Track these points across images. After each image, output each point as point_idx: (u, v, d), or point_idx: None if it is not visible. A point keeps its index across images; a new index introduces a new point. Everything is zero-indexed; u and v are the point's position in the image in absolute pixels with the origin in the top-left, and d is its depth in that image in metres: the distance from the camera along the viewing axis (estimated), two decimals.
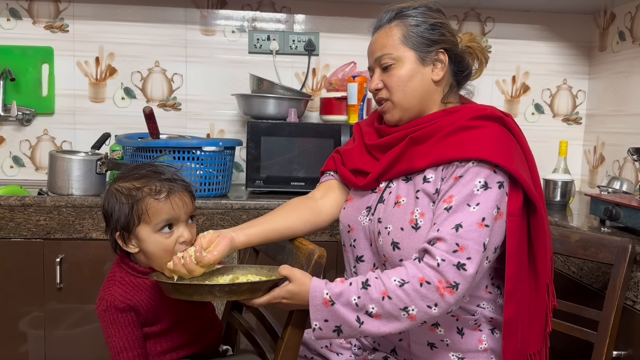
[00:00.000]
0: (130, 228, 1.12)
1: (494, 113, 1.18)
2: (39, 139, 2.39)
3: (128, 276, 1.17)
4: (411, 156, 1.20)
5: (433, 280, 1.05)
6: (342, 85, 2.22)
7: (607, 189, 1.94)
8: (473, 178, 1.10)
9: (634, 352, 1.33)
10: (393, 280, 1.06)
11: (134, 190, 1.12)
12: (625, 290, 1.31)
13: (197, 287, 1.04)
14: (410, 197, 1.18)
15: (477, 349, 1.19)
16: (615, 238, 1.34)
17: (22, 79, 2.33)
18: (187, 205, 1.15)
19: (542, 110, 2.56)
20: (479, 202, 1.09)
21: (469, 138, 1.13)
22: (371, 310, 1.06)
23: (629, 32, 2.25)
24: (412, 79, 1.22)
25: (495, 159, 1.10)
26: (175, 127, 2.39)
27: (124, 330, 1.12)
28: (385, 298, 1.06)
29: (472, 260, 1.06)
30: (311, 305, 1.08)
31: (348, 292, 1.07)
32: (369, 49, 1.29)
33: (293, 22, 2.43)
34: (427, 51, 1.22)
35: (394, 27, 1.24)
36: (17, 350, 1.86)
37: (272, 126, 2.06)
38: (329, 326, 1.08)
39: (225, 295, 1.07)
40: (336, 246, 1.89)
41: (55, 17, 2.34)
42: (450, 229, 1.07)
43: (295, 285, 1.09)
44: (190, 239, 1.15)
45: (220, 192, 1.98)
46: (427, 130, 1.19)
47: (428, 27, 1.22)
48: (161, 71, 2.40)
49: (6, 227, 1.82)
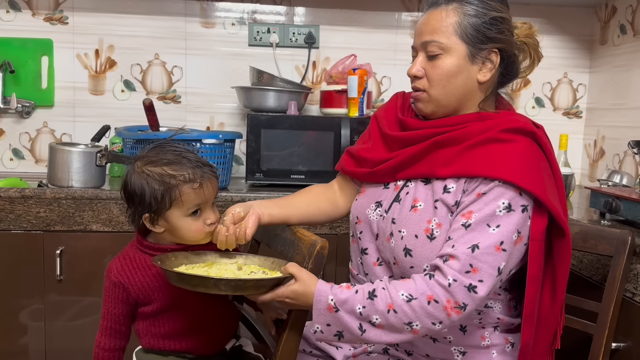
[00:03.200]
0: (160, 212, 1.16)
1: (526, 127, 1.11)
2: (38, 131, 2.38)
3: (137, 252, 1.22)
4: (433, 159, 1.15)
5: (442, 300, 1.04)
6: (342, 78, 2.21)
7: (607, 182, 1.94)
8: (497, 198, 1.06)
9: (633, 343, 1.34)
10: (401, 294, 1.05)
11: (167, 177, 1.14)
12: (625, 282, 1.31)
13: (203, 279, 1.05)
14: (428, 203, 1.14)
15: (479, 345, 1.19)
16: (614, 230, 1.34)
17: (22, 71, 2.32)
18: (215, 190, 1.21)
19: (542, 104, 2.56)
20: (500, 225, 1.06)
21: (497, 153, 1.08)
22: (374, 321, 1.05)
23: (630, 26, 2.24)
24: (457, 75, 1.13)
25: (522, 183, 1.05)
26: (175, 119, 2.39)
27: (109, 301, 1.21)
28: (390, 311, 1.04)
29: (484, 283, 1.04)
30: (315, 309, 1.07)
31: (353, 300, 1.06)
32: (418, 28, 1.17)
33: (293, 15, 2.42)
34: (480, 48, 1.12)
35: (450, 10, 1.12)
36: (17, 342, 1.86)
37: (272, 119, 2.06)
38: (330, 330, 1.08)
39: (231, 290, 1.06)
40: (336, 239, 1.90)
41: (54, 9, 2.33)
42: (466, 248, 1.05)
43: (301, 286, 1.08)
44: (216, 220, 1.20)
45: (220, 185, 1.97)
46: (453, 135, 1.13)
47: (487, 20, 1.11)
48: (161, 64, 2.40)
49: (6, 219, 1.82)
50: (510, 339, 1.22)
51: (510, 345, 1.22)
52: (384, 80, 2.48)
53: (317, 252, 1.13)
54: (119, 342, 1.22)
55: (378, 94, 2.49)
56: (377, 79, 2.47)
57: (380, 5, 2.43)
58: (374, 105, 2.47)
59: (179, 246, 1.21)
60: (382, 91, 2.49)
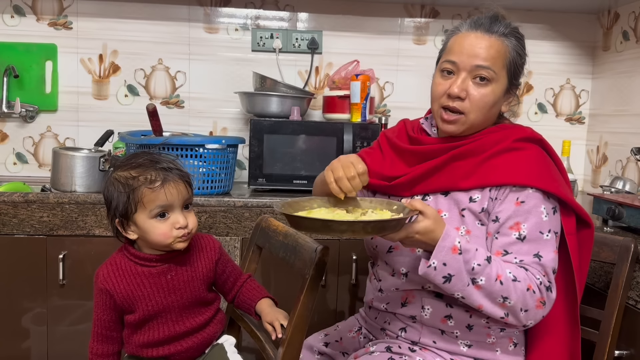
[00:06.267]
0: (128, 215, 1.16)
1: (534, 135, 1.22)
2: (42, 135, 2.39)
3: (123, 259, 1.21)
4: (452, 173, 1.19)
5: (537, 292, 1.12)
6: (345, 83, 2.22)
7: (610, 189, 1.94)
8: (538, 204, 1.15)
9: (635, 351, 1.33)
10: (508, 272, 1.11)
11: (131, 179, 1.16)
12: (628, 289, 1.31)
13: (350, 223, 1.03)
14: (453, 213, 1.19)
15: (485, 342, 1.22)
16: (617, 237, 1.34)
17: (26, 75, 2.34)
18: (181, 194, 1.18)
19: (545, 110, 2.56)
20: (550, 229, 1.15)
21: (516, 161, 1.17)
22: (479, 281, 1.09)
23: (633, 32, 2.25)
24: (495, 105, 1.20)
25: (546, 187, 1.15)
26: (178, 124, 2.40)
27: (98, 308, 1.21)
28: (497, 280, 1.09)
29: (552, 284, 1.14)
30: (439, 245, 1.06)
31: (473, 255, 1.09)
32: (468, 47, 1.16)
33: (296, 20, 2.43)
34: (514, 84, 1.22)
35: (504, 42, 1.18)
36: (20, 346, 1.87)
37: (275, 124, 2.06)
38: (443, 270, 1.07)
39: (376, 231, 1.04)
40: (338, 244, 1.90)
41: (59, 14, 2.34)
42: (532, 257, 1.13)
43: (432, 223, 1.06)
44: (186, 224, 1.18)
45: (223, 189, 1.99)
46: (470, 147, 1.19)
47: (524, 61, 1.22)
48: (164, 69, 2.41)
49: (9, 224, 1.82)
50: (514, 339, 1.25)
51: (513, 345, 1.25)
52: (386, 85, 2.49)
53: (318, 258, 1.13)
54: (112, 347, 1.23)
55: (381, 99, 2.49)
56: (380, 84, 2.48)
57: (383, 11, 2.44)
58: (377, 110, 2.47)
59: (161, 256, 1.20)
60: (384, 97, 2.49)
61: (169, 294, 1.20)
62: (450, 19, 2.47)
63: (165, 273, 1.20)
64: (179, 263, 1.22)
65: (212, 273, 1.27)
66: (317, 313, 1.93)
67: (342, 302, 1.96)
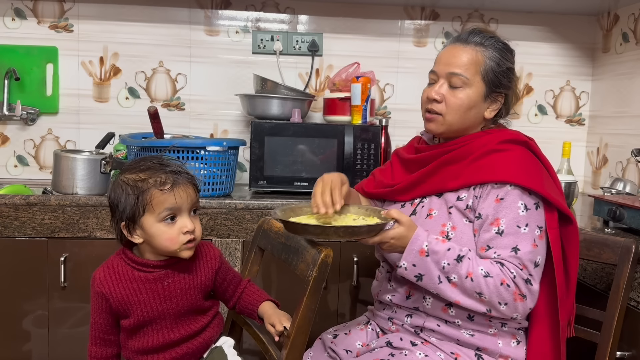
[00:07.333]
0: (135, 218, 1.15)
1: (519, 137, 1.30)
2: (43, 138, 2.39)
3: (121, 263, 1.20)
4: (443, 176, 1.31)
5: (512, 286, 1.18)
6: (345, 85, 2.22)
7: (611, 190, 1.94)
8: (515, 200, 1.22)
9: (637, 352, 1.34)
10: (480, 269, 1.19)
11: (140, 181, 1.15)
12: (629, 290, 1.31)
13: (324, 227, 1.16)
14: (442, 210, 1.30)
15: (486, 332, 1.27)
16: (618, 239, 1.34)
17: (27, 78, 2.34)
18: (190, 197, 1.18)
19: (545, 112, 2.57)
20: (527, 223, 1.21)
21: (499, 161, 1.25)
22: (452, 279, 1.19)
23: (633, 34, 2.25)
24: (472, 109, 1.30)
25: (525, 183, 1.21)
26: (179, 127, 2.40)
27: (94, 311, 1.20)
28: (468, 278, 1.18)
29: (533, 277, 1.20)
30: (408, 248, 1.20)
31: (443, 255, 1.19)
32: (445, 57, 1.31)
33: (297, 23, 2.44)
34: (493, 90, 1.30)
35: (478, 52, 1.29)
36: (21, 349, 1.86)
37: (276, 126, 2.07)
38: (414, 270, 1.20)
39: (348, 236, 1.17)
40: (339, 246, 1.90)
41: (59, 16, 2.35)
42: (510, 251, 1.20)
43: (405, 229, 1.19)
44: (193, 229, 1.17)
45: (224, 191, 1.99)
46: (458, 152, 1.30)
47: (504, 70, 1.30)
48: (165, 71, 2.41)
49: (11, 226, 1.83)
50: (518, 337, 1.29)
51: (516, 342, 1.28)
52: (387, 87, 2.49)
53: (321, 260, 1.13)
54: (110, 350, 1.22)
55: (381, 101, 2.50)
56: (380, 86, 2.48)
57: (383, 14, 2.44)
58: (377, 112, 2.48)
59: (160, 262, 1.19)
60: (385, 98, 2.50)
61: (164, 300, 1.19)
62: (450, 21, 2.48)
63: (162, 279, 1.19)
64: (177, 270, 1.21)
65: (210, 282, 1.27)
66: (317, 315, 1.92)
67: (343, 304, 1.97)
